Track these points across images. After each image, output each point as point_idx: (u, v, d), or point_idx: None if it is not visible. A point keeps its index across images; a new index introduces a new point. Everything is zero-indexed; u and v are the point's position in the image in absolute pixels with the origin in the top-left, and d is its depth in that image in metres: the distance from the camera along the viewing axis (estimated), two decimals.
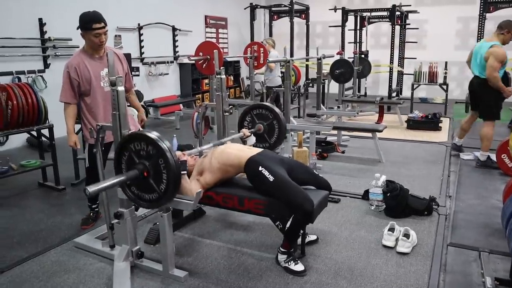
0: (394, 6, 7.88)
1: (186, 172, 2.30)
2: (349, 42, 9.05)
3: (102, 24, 2.73)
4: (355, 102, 7.19)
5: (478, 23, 6.87)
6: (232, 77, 9.93)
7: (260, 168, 2.34)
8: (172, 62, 8.29)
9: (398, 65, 8.68)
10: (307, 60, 9.33)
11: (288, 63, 4.10)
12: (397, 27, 8.29)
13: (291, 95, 6.33)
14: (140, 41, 7.43)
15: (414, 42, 8.82)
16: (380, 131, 4.66)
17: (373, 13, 8.68)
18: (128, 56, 5.89)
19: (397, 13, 8.07)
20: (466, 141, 4.90)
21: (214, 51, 3.40)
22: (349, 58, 6.93)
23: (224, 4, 9.87)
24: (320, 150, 4.73)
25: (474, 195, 3.58)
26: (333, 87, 6.63)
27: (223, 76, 3.07)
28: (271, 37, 7.34)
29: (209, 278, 2.35)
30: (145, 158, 2.06)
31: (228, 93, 8.37)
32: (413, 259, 2.53)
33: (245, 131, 3.12)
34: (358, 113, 6.44)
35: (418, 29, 9.04)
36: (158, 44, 7.83)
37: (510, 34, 4.22)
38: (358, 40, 9.31)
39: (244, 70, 9.67)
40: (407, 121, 6.43)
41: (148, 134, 2.04)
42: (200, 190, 2.26)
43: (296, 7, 9.15)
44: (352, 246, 2.70)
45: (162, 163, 2.01)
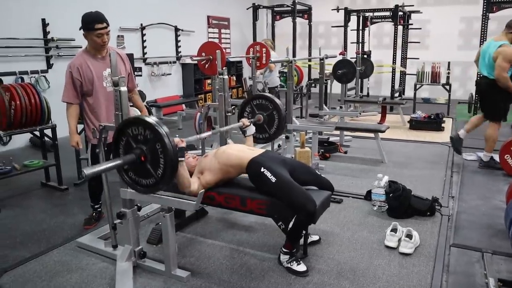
0: (397, 6, 7.87)
1: (183, 159, 2.27)
2: (352, 42, 9.04)
3: (105, 25, 2.74)
4: (358, 103, 7.19)
5: (481, 23, 6.86)
6: (235, 78, 9.92)
7: (262, 169, 2.35)
8: (175, 62, 8.30)
9: (401, 65, 8.66)
10: (310, 60, 9.32)
11: (291, 63, 4.10)
12: (400, 27, 8.27)
13: (294, 95, 6.33)
14: (143, 41, 7.44)
15: (417, 42, 8.80)
16: (383, 132, 4.65)
17: (376, 13, 8.66)
18: (131, 56, 5.89)
19: (400, 13, 8.06)
20: (469, 142, 4.86)
21: (217, 51, 3.40)
22: (352, 58, 6.92)
23: (227, 4, 9.88)
24: (323, 151, 4.73)
25: (477, 196, 3.57)
26: (336, 87, 6.62)
27: (226, 77, 3.07)
28: (270, 38, 7.33)
29: (212, 278, 2.36)
30: (143, 143, 2.03)
31: (231, 94, 8.35)
32: (416, 260, 2.52)
33: (245, 121, 3.05)
34: (361, 113, 6.44)
35: (421, 29, 9.00)
36: (161, 44, 7.83)
37: None
38: (361, 40, 9.32)
39: (247, 71, 9.67)
40: (410, 122, 6.41)
41: (146, 119, 2.01)
42: (202, 191, 2.26)
43: (299, 7, 9.14)
44: (355, 247, 2.70)
45: (160, 148, 1.97)
